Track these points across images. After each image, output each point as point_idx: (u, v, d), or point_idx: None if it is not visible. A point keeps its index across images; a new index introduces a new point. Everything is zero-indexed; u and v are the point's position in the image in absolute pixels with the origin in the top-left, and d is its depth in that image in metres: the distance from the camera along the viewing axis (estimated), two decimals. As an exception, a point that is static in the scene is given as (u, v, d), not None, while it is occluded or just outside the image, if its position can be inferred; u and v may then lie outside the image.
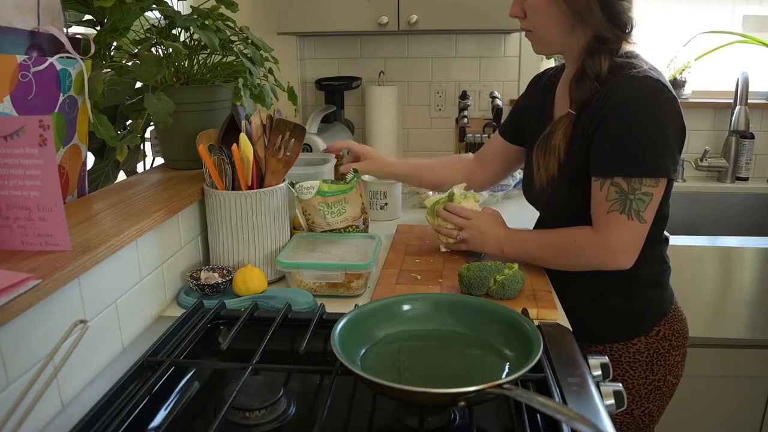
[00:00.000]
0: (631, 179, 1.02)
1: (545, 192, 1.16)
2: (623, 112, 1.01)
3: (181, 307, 1.10)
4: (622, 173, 1.02)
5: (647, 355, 1.17)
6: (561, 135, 1.10)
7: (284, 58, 1.85)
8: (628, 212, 1.03)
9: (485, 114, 2.16)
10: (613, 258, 1.06)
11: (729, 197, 2.18)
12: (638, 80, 1.02)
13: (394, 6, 1.77)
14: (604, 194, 1.04)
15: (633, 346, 1.17)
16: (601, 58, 1.06)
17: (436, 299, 0.90)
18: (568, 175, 1.11)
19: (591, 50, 1.07)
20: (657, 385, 1.18)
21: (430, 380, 0.79)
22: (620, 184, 1.02)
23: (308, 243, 1.22)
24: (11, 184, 0.79)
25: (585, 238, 1.08)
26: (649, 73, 1.03)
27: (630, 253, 1.06)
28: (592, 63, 1.07)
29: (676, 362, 1.19)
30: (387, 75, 2.18)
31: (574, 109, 1.10)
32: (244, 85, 1.27)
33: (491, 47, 2.14)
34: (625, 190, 1.02)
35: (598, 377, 0.87)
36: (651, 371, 1.17)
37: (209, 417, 0.81)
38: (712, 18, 2.25)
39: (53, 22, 1.01)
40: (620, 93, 1.02)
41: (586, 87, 1.07)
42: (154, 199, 1.10)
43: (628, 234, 1.04)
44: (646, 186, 1.02)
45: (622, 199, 1.03)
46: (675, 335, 1.18)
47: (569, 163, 1.11)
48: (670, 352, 1.18)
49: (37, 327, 0.74)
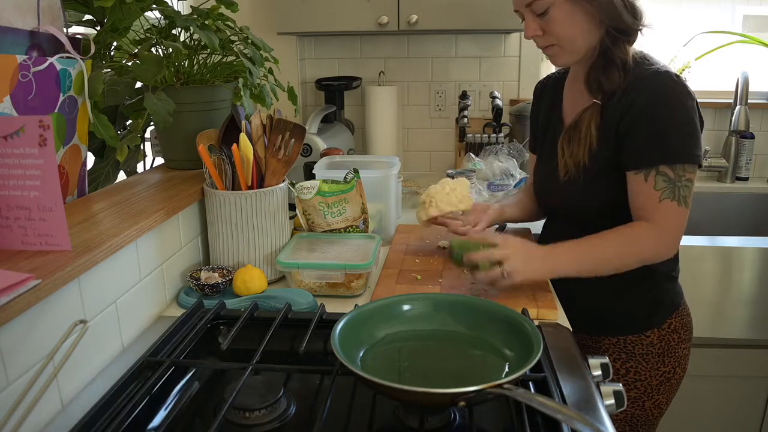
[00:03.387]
0: (675, 166, 1.03)
1: (570, 185, 1.16)
2: (655, 106, 1.04)
3: (181, 307, 1.10)
4: (667, 161, 1.04)
5: (659, 347, 1.19)
6: (591, 124, 1.11)
7: (284, 58, 1.85)
8: (678, 199, 1.04)
9: (485, 114, 2.16)
10: (672, 245, 1.09)
11: (729, 197, 2.18)
12: (662, 74, 1.05)
13: (394, 6, 1.77)
14: (651, 184, 1.05)
15: (646, 339, 1.19)
16: (624, 46, 1.09)
17: (436, 299, 0.90)
18: (597, 166, 1.12)
19: (613, 39, 1.09)
20: (667, 377, 1.21)
21: (430, 380, 0.79)
22: (666, 172, 1.04)
23: (308, 243, 1.22)
24: (11, 184, 0.79)
25: (642, 229, 1.07)
26: (668, 68, 1.07)
27: (678, 241, 1.09)
28: (618, 51, 1.08)
29: (684, 355, 1.22)
30: (387, 75, 2.18)
31: (600, 99, 1.11)
32: (244, 85, 1.27)
33: (491, 47, 2.14)
34: (672, 177, 1.04)
35: (598, 377, 0.87)
36: (662, 363, 1.19)
37: (209, 417, 0.81)
38: (712, 18, 2.25)
39: (53, 22, 1.01)
40: (649, 87, 1.05)
41: (614, 75, 1.08)
42: (154, 199, 1.10)
43: (680, 220, 1.06)
44: (688, 172, 1.04)
45: (671, 186, 1.04)
46: (684, 328, 1.21)
47: (599, 154, 1.11)
48: (679, 345, 1.20)
49: (37, 327, 0.74)
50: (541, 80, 1.36)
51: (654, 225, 1.06)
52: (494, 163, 1.78)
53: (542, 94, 1.33)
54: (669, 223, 1.06)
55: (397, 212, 1.60)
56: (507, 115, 2.08)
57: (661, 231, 1.07)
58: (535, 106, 1.36)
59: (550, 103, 1.29)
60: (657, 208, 1.05)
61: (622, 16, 1.06)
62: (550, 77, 1.33)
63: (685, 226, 1.07)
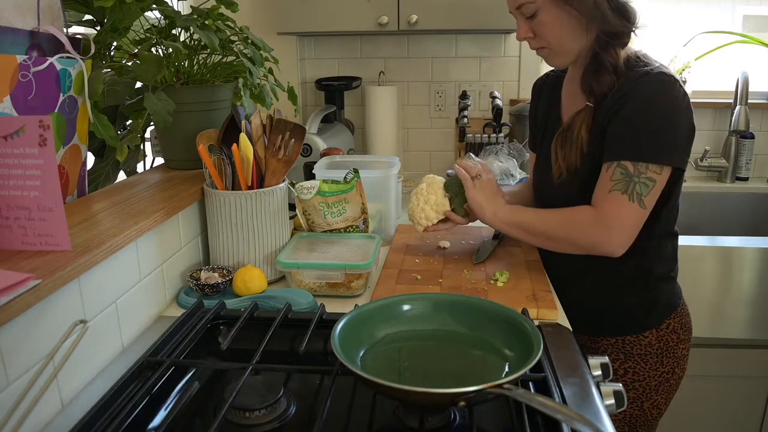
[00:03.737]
0: (637, 163, 1.03)
1: (564, 186, 1.16)
2: (636, 104, 1.04)
3: (181, 307, 1.10)
4: (629, 157, 1.04)
5: (658, 347, 1.19)
6: (582, 127, 1.12)
7: (284, 58, 1.85)
8: (630, 193, 1.04)
9: (485, 114, 2.16)
10: (607, 237, 1.06)
11: (729, 197, 2.18)
12: (652, 75, 1.05)
13: (394, 6, 1.77)
14: (609, 175, 1.05)
15: (645, 339, 1.19)
16: (615, 50, 1.09)
17: (436, 299, 0.90)
18: (588, 168, 1.12)
19: (603, 44, 1.09)
20: (666, 377, 1.21)
21: (430, 380, 0.79)
22: (626, 166, 1.04)
23: (308, 243, 1.22)
24: (11, 184, 0.79)
25: (583, 212, 1.09)
26: (661, 69, 1.06)
27: (624, 236, 1.06)
28: (608, 55, 1.09)
29: (683, 355, 1.22)
30: (387, 75, 2.18)
31: (593, 102, 1.11)
32: (244, 85, 1.27)
33: (491, 47, 2.14)
34: (631, 172, 1.04)
35: (598, 377, 0.87)
36: (661, 363, 1.20)
37: (209, 417, 0.81)
38: (712, 18, 2.25)
39: (53, 22, 1.01)
40: (636, 88, 1.05)
41: (605, 79, 1.09)
42: (154, 199, 1.10)
43: (627, 215, 1.05)
44: (651, 171, 1.03)
45: (626, 180, 1.04)
46: (683, 329, 1.21)
47: (590, 155, 1.12)
48: (678, 345, 1.20)
49: (37, 327, 0.74)
50: (540, 77, 1.36)
51: (597, 211, 1.07)
52: (494, 163, 1.78)
53: (541, 92, 1.33)
54: (612, 214, 1.05)
55: (397, 212, 1.60)
56: (507, 115, 2.08)
57: (601, 221, 1.06)
58: (534, 104, 1.36)
59: (548, 102, 1.29)
60: (605, 198, 1.06)
61: (610, 20, 1.06)
62: (549, 75, 1.33)
63: (634, 224, 1.05)
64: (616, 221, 1.05)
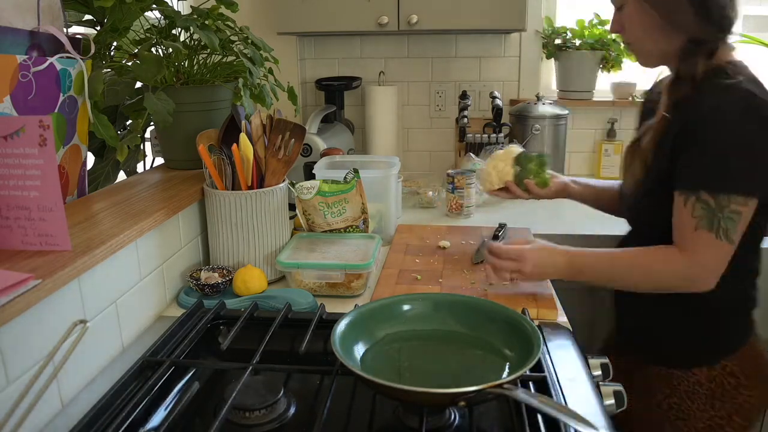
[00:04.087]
0: (718, 195, 0.95)
1: (631, 199, 1.11)
2: (710, 123, 0.95)
3: (181, 307, 1.10)
4: (707, 188, 0.95)
5: (708, 388, 1.06)
6: (650, 138, 1.06)
7: (284, 58, 1.85)
8: (716, 231, 0.96)
9: (485, 114, 2.16)
10: (700, 280, 0.99)
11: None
12: (730, 89, 0.96)
13: (394, 6, 1.77)
14: (689, 210, 0.97)
15: (693, 376, 1.07)
16: (695, 60, 1.00)
17: (436, 299, 0.90)
18: (653, 180, 1.05)
19: (685, 52, 1.01)
20: (719, 423, 1.07)
21: (430, 380, 0.79)
22: (707, 200, 0.95)
23: (308, 243, 1.22)
24: (11, 184, 0.79)
25: (671, 256, 1.00)
26: (743, 84, 0.96)
27: (714, 276, 0.98)
28: (686, 66, 1.01)
29: (747, 403, 1.06)
30: (387, 75, 2.18)
31: (667, 112, 1.04)
32: (244, 85, 1.27)
33: (491, 47, 2.14)
34: (713, 207, 0.95)
35: (598, 377, 0.87)
36: (711, 406, 1.06)
37: (209, 417, 0.80)
38: (712, 18, 2.24)
39: (53, 22, 1.01)
40: (710, 102, 0.96)
41: (680, 90, 1.02)
42: (154, 199, 1.10)
43: (716, 254, 0.97)
44: (734, 203, 0.95)
45: (709, 216, 0.95)
46: (746, 373, 1.06)
47: (655, 167, 1.05)
48: (738, 390, 1.06)
49: (37, 327, 0.74)
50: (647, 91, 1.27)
51: (686, 254, 0.98)
52: (494, 163, 1.78)
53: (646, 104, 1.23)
54: (701, 255, 0.97)
55: (397, 212, 1.60)
56: (507, 115, 2.08)
57: (690, 262, 0.98)
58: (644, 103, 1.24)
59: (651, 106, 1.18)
60: (691, 237, 0.97)
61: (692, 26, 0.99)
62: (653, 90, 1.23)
63: (724, 261, 0.98)
64: (709, 264, 0.98)
